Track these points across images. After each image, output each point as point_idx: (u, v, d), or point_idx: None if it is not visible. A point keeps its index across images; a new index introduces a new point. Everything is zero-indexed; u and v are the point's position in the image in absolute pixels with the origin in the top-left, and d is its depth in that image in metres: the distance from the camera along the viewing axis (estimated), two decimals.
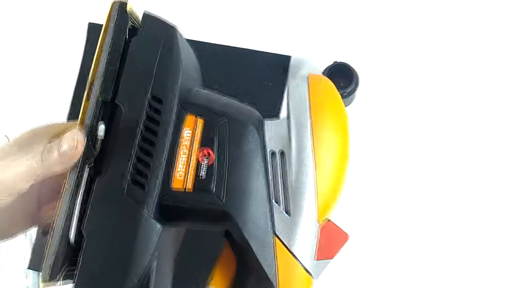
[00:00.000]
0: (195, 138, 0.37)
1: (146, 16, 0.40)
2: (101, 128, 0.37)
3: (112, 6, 0.39)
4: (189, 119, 0.38)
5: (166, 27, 0.40)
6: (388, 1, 0.68)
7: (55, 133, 0.38)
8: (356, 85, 0.61)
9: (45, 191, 0.42)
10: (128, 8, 0.39)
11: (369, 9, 0.68)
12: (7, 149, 0.39)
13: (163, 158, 0.36)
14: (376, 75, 0.66)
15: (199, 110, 0.38)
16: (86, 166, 0.36)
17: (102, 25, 0.75)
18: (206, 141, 0.37)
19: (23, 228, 0.42)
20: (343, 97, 0.61)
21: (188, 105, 0.38)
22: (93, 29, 0.71)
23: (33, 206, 0.42)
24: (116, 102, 0.37)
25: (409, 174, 0.63)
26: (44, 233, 0.41)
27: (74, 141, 0.36)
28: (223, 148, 0.37)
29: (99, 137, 0.37)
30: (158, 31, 0.39)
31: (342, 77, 0.61)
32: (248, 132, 0.38)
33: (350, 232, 0.62)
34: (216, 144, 0.37)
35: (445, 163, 0.63)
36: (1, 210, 0.37)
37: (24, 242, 0.67)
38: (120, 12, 0.38)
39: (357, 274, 0.61)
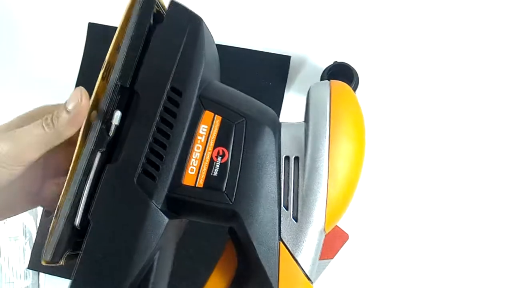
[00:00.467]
0: (210, 135, 0.37)
1: (174, 3, 0.39)
2: (117, 115, 0.37)
3: None
4: (207, 115, 0.37)
5: (193, 17, 0.39)
6: (388, 1, 0.68)
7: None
8: (356, 85, 0.61)
9: (49, 168, 0.41)
10: None
11: (369, 9, 0.68)
12: (18, 121, 0.39)
13: (177, 152, 0.36)
14: (376, 75, 0.66)
15: (218, 107, 0.37)
16: (98, 151, 0.36)
17: (102, 25, 0.76)
18: (221, 140, 0.37)
19: (27, 206, 0.42)
20: None
21: (207, 101, 0.37)
22: (93, 29, 0.72)
23: (37, 183, 0.41)
24: (134, 89, 0.37)
25: (409, 174, 0.63)
26: (47, 213, 0.41)
27: (79, 96, 0.36)
28: (238, 148, 0.37)
29: (113, 124, 0.36)
30: (184, 20, 0.38)
31: (342, 77, 0.61)
32: (265, 134, 0.37)
33: (350, 232, 0.62)
34: (231, 143, 0.37)
35: (444, 163, 0.63)
36: (9, 183, 0.37)
37: (24, 242, 0.67)
38: None
39: (357, 274, 0.61)
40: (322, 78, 0.61)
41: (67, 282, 0.64)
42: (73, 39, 0.72)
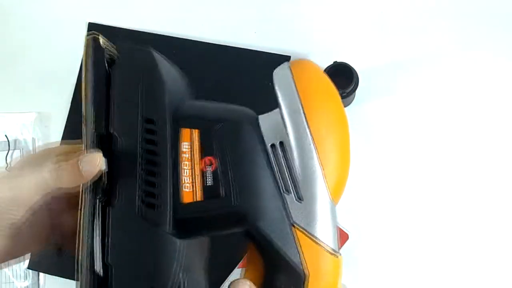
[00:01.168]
0: (194, 150, 0.38)
1: (121, 46, 0.42)
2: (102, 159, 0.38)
3: (86, 43, 0.40)
4: (184, 132, 0.38)
5: (142, 52, 0.41)
6: (388, 1, 0.68)
7: (67, 151, 0.40)
8: (356, 85, 0.61)
9: (56, 210, 0.42)
10: (101, 42, 0.40)
11: (369, 9, 0.68)
12: (19, 164, 0.40)
13: (168, 175, 0.37)
14: (376, 75, 0.66)
15: (192, 121, 0.39)
16: (97, 200, 0.37)
17: (102, 25, 0.76)
18: (205, 150, 0.38)
19: (35, 247, 0.43)
20: (343, 97, 0.61)
21: (181, 120, 0.39)
22: (93, 29, 0.71)
23: (46, 225, 0.42)
24: (111, 132, 0.38)
25: (409, 174, 0.63)
26: (58, 253, 0.43)
27: (97, 162, 0.37)
28: (223, 152, 0.37)
29: (103, 171, 0.38)
30: (136, 57, 0.41)
31: (342, 77, 0.61)
32: (244, 130, 0.38)
33: (350, 232, 0.62)
34: (215, 150, 0.38)
35: (444, 162, 0.63)
36: (16, 228, 0.38)
37: None
38: (95, 46, 0.40)
39: (357, 274, 0.61)
40: None
41: (67, 282, 0.65)
42: (73, 39, 0.72)
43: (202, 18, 0.71)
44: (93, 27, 0.71)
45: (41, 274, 0.65)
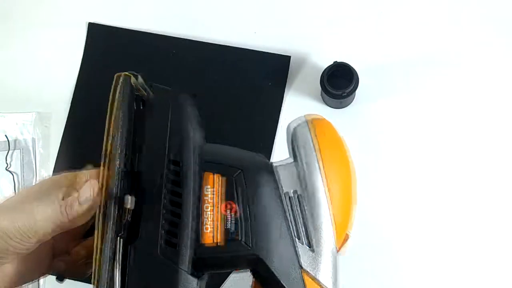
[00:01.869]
0: (215, 193, 0.40)
1: (156, 87, 0.43)
2: (130, 199, 0.39)
3: (116, 79, 0.41)
4: (207, 176, 0.41)
5: (173, 93, 0.43)
6: (388, 1, 0.68)
7: (71, 181, 0.42)
8: (356, 85, 0.61)
9: (59, 241, 0.44)
10: (132, 81, 0.41)
11: (369, 9, 0.68)
12: (27, 194, 0.41)
13: (190, 216, 0.39)
14: (376, 75, 0.66)
15: (214, 166, 0.41)
16: (118, 238, 0.38)
17: (102, 25, 0.76)
18: (226, 194, 0.40)
19: (38, 275, 0.44)
20: (343, 97, 0.62)
21: (204, 163, 0.41)
22: (93, 29, 0.72)
23: (48, 254, 0.44)
24: (138, 170, 0.40)
25: (409, 174, 0.63)
26: (58, 278, 0.43)
27: (90, 191, 0.39)
28: (243, 197, 0.40)
29: (128, 208, 0.39)
30: (167, 99, 0.42)
31: (342, 77, 0.61)
32: (263, 178, 0.41)
33: (351, 232, 0.62)
34: (236, 195, 0.40)
35: (444, 162, 0.63)
36: (21, 257, 0.40)
37: None
38: (126, 84, 0.41)
39: (358, 274, 0.61)
40: (322, 78, 0.61)
41: (67, 282, 0.64)
42: (73, 39, 0.72)
43: (202, 18, 0.71)
44: (93, 27, 0.71)
45: None
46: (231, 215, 0.40)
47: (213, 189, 0.40)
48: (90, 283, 0.37)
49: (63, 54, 0.72)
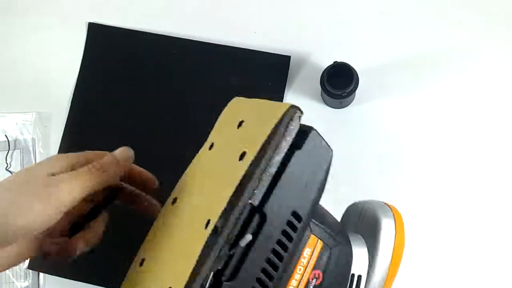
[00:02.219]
0: (311, 258, 0.41)
1: (312, 132, 0.39)
2: (248, 238, 0.37)
3: (288, 110, 0.38)
4: (312, 239, 0.41)
5: (325, 149, 0.40)
6: (388, 1, 0.68)
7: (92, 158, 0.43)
8: (356, 85, 0.61)
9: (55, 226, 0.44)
10: (297, 116, 0.39)
11: (369, 9, 0.68)
12: (54, 163, 0.42)
13: (287, 273, 0.39)
14: (376, 75, 0.66)
15: (321, 232, 0.41)
16: (212, 272, 0.36)
17: (102, 25, 0.75)
18: (319, 263, 0.41)
19: (36, 253, 0.44)
20: (343, 97, 0.62)
21: (314, 225, 0.41)
22: (93, 29, 0.72)
23: (39, 237, 0.43)
24: (263, 211, 0.37)
25: (408, 174, 0.63)
26: (44, 256, 0.43)
27: (127, 149, 0.44)
28: (330, 272, 0.41)
29: (240, 246, 0.37)
30: (319, 152, 0.40)
31: (342, 77, 0.61)
32: (350, 260, 0.43)
33: None
34: (325, 267, 0.41)
35: (444, 162, 0.63)
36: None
37: None
38: (292, 120, 0.38)
39: None
40: (322, 78, 0.61)
41: (67, 282, 0.65)
42: (73, 39, 0.72)
43: (202, 18, 0.71)
44: (93, 27, 0.71)
45: (41, 274, 0.65)
46: (314, 284, 0.41)
47: (311, 253, 0.41)
48: (91, 283, 0.37)
49: (63, 54, 0.72)
